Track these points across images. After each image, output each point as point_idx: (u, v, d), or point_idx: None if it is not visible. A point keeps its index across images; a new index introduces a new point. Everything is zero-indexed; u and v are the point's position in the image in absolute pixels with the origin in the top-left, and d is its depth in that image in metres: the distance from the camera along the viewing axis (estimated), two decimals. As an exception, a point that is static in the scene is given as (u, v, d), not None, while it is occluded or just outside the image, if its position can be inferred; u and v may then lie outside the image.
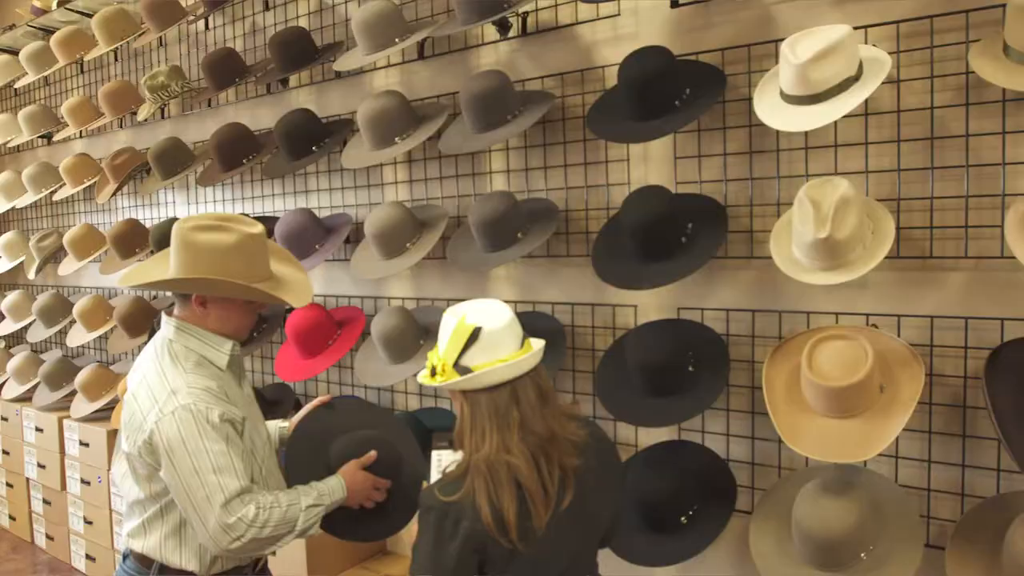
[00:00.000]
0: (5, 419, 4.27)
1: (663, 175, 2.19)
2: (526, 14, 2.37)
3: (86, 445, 3.67)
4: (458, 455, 1.41)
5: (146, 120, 3.69)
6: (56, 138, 4.23)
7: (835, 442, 1.71)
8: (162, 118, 3.70)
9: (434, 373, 1.39)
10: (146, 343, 3.39)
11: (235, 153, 2.93)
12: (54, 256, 4.30)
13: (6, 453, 4.30)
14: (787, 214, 1.88)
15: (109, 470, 3.52)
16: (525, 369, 1.38)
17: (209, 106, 3.47)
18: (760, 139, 2.02)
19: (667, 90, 1.95)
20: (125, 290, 4.07)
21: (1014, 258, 1.56)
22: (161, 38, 3.44)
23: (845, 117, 1.71)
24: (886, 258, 1.70)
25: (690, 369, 1.99)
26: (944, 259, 1.79)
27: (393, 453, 1.83)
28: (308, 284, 1.83)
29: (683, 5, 2.08)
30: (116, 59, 4.02)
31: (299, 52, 2.76)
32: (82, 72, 4.28)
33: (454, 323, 1.37)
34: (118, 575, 1.72)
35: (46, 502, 4.03)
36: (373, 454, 1.76)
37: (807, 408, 1.78)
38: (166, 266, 1.68)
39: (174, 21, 3.27)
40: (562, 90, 2.35)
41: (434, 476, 1.84)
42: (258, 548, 1.58)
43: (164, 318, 1.69)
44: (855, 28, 1.76)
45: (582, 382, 2.38)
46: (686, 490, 1.98)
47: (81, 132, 3.95)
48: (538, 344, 1.42)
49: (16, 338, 4.87)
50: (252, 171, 3.17)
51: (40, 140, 4.37)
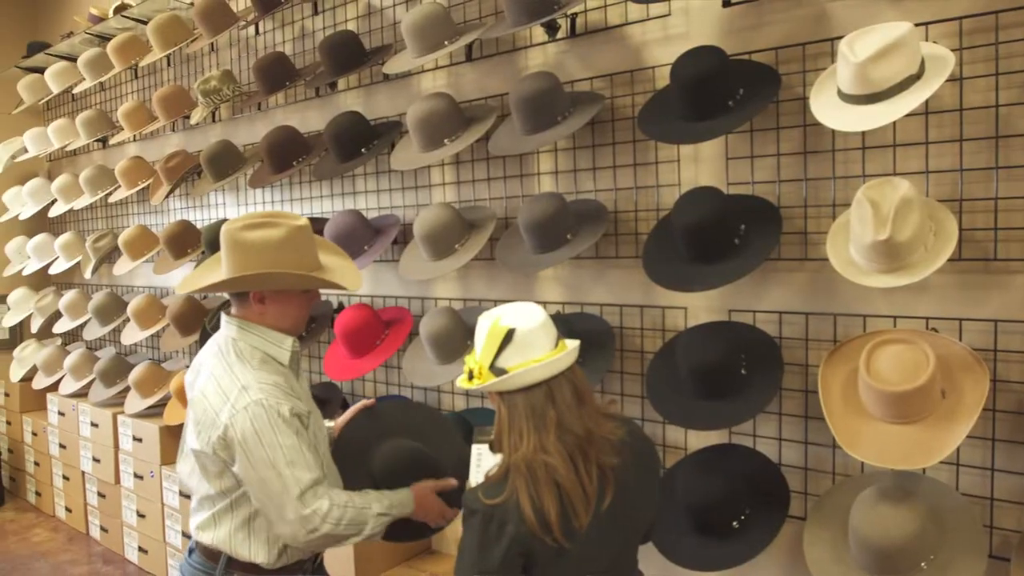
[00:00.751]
0: (62, 414, 4.41)
1: (714, 176, 2.17)
2: (575, 15, 2.36)
3: (139, 440, 3.77)
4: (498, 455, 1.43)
5: (197, 124, 3.78)
6: (111, 142, 4.35)
7: (895, 448, 1.68)
8: (213, 121, 3.78)
9: (471, 377, 1.41)
10: (198, 342, 3.51)
11: (286, 155, 2.98)
12: (109, 256, 4.42)
13: (63, 447, 4.43)
14: (844, 215, 1.85)
15: (161, 465, 3.62)
16: (560, 369, 1.38)
17: (259, 109, 3.53)
18: (815, 139, 1.99)
19: (721, 90, 1.93)
20: (176, 290, 4.17)
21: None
22: (213, 43, 3.52)
23: (904, 116, 1.67)
24: (947, 260, 1.67)
25: (742, 372, 1.96)
26: (1009, 261, 1.74)
27: (433, 463, 1.86)
28: (357, 270, 1.88)
29: (735, 4, 2.06)
30: (169, 64, 4.12)
31: (349, 55, 2.79)
32: (136, 77, 4.40)
33: (488, 326, 1.39)
34: (183, 570, 1.76)
35: (101, 495, 4.15)
36: (453, 482, 1.80)
37: (865, 413, 1.75)
38: (219, 269, 1.71)
39: (226, 27, 3.34)
40: (611, 91, 2.34)
41: (473, 471, 1.86)
42: (328, 543, 1.62)
43: (224, 318, 1.72)
44: (915, 25, 1.73)
45: (631, 384, 2.37)
46: (738, 494, 1.95)
47: (135, 136, 4.05)
48: (572, 344, 1.43)
49: (72, 336, 5.03)
50: (301, 173, 3.22)
51: (95, 144, 4.51)
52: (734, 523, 1.94)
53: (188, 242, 3.62)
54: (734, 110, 1.93)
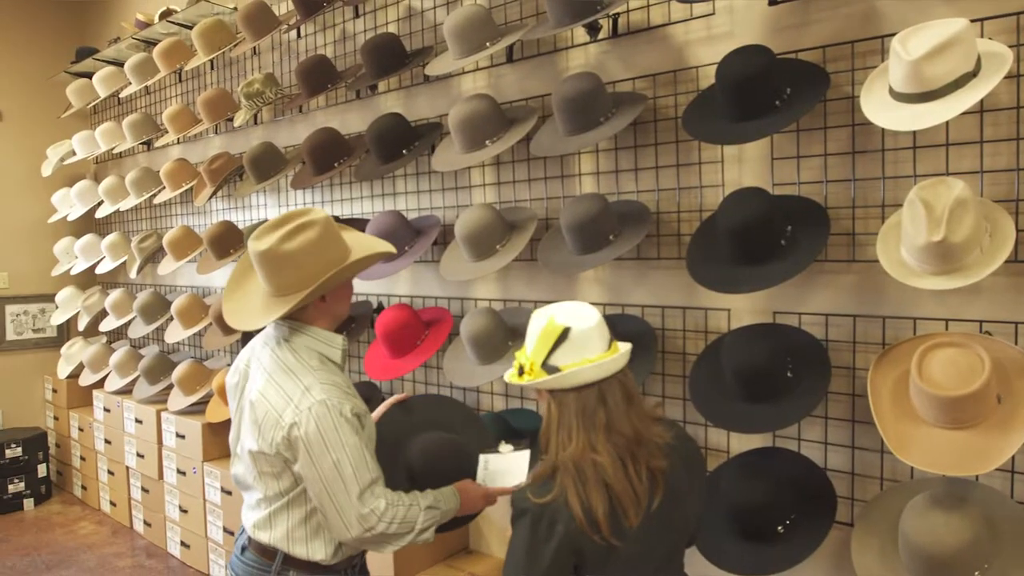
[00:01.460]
0: (107, 410, 4.51)
1: (759, 176, 2.14)
2: (617, 15, 2.35)
3: (182, 437, 3.83)
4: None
5: (240, 126, 3.84)
6: (156, 144, 4.44)
7: (947, 454, 1.64)
8: (255, 124, 3.84)
9: (522, 372, 1.41)
10: (240, 341, 3.56)
11: (327, 157, 3.01)
12: (153, 256, 4.52)
13: (108, 442, 4.53)
14: (895, 216, 1.81)
15: (204, 462, 3.68)
16: (613, 371, 1.38)
17: (300, 111, 3.58)
18: (863, 138, 1.96)
19: (768, 90, 1.90)
20: (218, 289, 4.25)
21: None
22: (255, 47, 3.57)
23: (958, 114, 1.64)
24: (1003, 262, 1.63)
25: (788, 375, 1.94)
26: (1069, 263, 1.70)
27: (468, 454, 1.87)
28: (370, 236, 1.91)
29: (781, 2, 2.03)
30: (212, 68, 4.20)
31: (390, 58, 2.81)
32: (180, 81, 4.48)
33: (543, 323, 1.38)
34: (234, 566, 1.78)
35: (144, 490, 4.24)
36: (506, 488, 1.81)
37: (916, 418, 1.71)
38: (253, 288, 1.72)
39: (269, 30, 3.39)
40: (654, 91, 2.33)
41: (480, 477, 1.87)
42: (382, 543, 1.63)
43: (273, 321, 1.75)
44: (971, 21, 1.69)
45: (672, 386, 2.35)
46: (783, 499, 1.93)
47: (179, 138, 4.13)
48: (625, 347, 1.43)
49: (117, 334, 5.15)
50: (342, 174, 3.25)
51: (140, 146, 4.61)
52: (779, 528, 1.92)
53: (230, 242, 3.67)
54: (781, 110, 1.90)
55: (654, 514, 1.37)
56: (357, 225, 2.74)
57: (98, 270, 4.86)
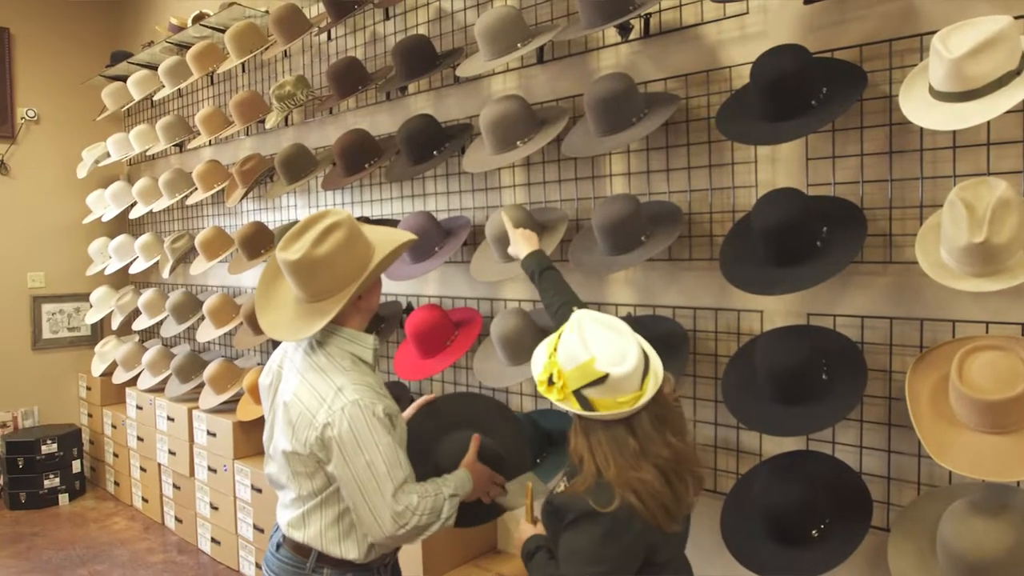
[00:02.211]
0: (140, 408, 4.58)
1: (793, 177, 2.12)
2: (649, 15, 2.35)
3: (213, 435, 3.89)
4: None
5: (271, 128, 3.88)
6: (188, 146, 4.51)
7: (988, 459, 1.61)
8: (285, 125, 3.88)
9: (551, 383, 1.44)
10: (271, 341, 3.59)
11: (358, 158, 3.03)
12: (185, 256, 4.58)
13: (140, 440, 4.61)
14: (934, 217, 1.79)
15: (234, 460, 3.72)
16: (641, 407, 1.42)
17: (330, 113, 3.61)
18: (901, 138, 1.93)
19: (803, 89, 1.89)
20: (249, 289, 4.30)
21: None
22: (286, 49, 3.61)
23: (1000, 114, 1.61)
24: (1048, 264, 1.59)
25: (823, 377, 1.92)
26: (1114, 265, 1.66)
27: (494, 448, 1.89)
28: (393, 229, 1.93)
29: (816, 1, 2.01)
30: (243, 70, 4.25)
31: (421, 60, 2.83)
32: (212, 84, 4.55)
33: (583, 359, 1.40)
34: (269, 563, 1.80)
35: (176, 487, 4.30)
36: (476, 442, 1.84)
37: (956, 422, 1.69)
38: (284, 296, 1.74)
39: (300, 33, 3.42)
40: (686, 91, 2.32)
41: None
42: (415, 536, 1.65)
43: None
44: (1015, 18, 1.66)
45: (704, 387, 2.34)
46: (818, 502, 1.90)
47: (211, 140, 4.19)
48: (657, 378, 1.44)
49: (150, 333, 5.23)
50: (372, 175, 3.27)
51: (173, 148, 4.68)
52: (813, 532, 1.89)
53: (262, 243, 3.71)
54: (817, 110, 1.88)
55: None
56: (388, 226, 2.76)
57: (131, 270, 4.95)
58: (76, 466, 5.02)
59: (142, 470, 4.64)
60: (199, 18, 4.15)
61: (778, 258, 1.91)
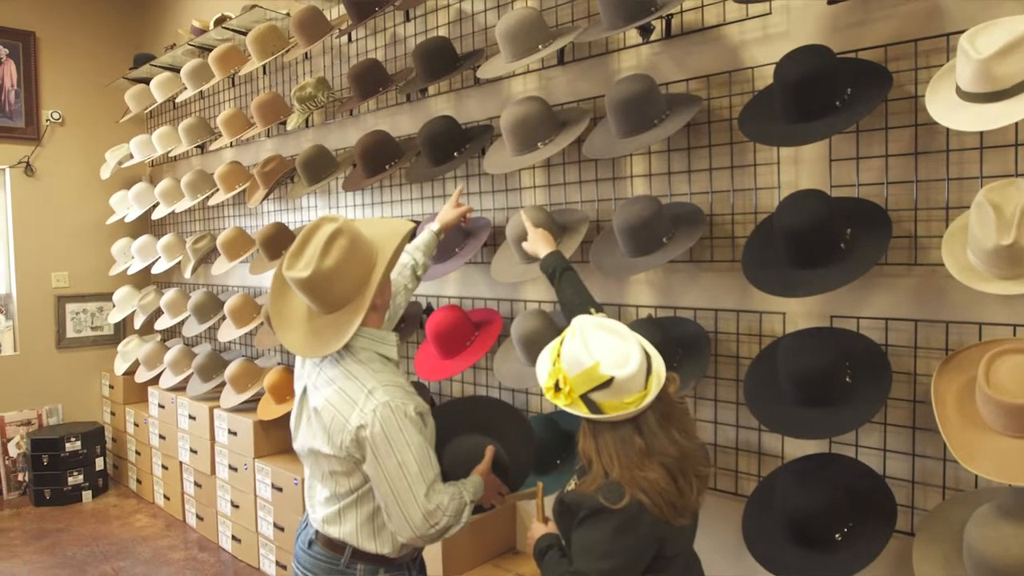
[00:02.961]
0: (162, 407, 4.63)
1: (816, 178, 2.11)
2: (670, 16, 2.34)
3: (234, 434, 3.92)
4: None
5: (292, 129, 3.91)
6: (210, 148, 4.56)
7: (1016, 463, 1.59)
8: (306, 126, 3.91)
9: (557, 388, 1.48)
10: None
11: (379, 159, 3.04)
12: (207, 257, 4.63)
13: (162, 438, 4.66)
14: (961, 218, 1.77)
15: (255, 458, 3.76)
16: (646, 407, 1.45)
17: (351, 115, 3.63)
18: (927, 139, 1.91)
19: (828, 90, 1.87)
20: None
21: None
22: (307, 51, 3.64)
23: (1029, 114, 1.59)
24: (1078, 266, 1.57)
25: (847, 380, 1.90)
26: None
27: (503, 459, 1.90)
28: (389, 220, 1.96)
29: (840, 1, 2.00)
30: (264, 72, 4.28)
31: (442, 61, 2.84)
32: (233, 85, 4.59)
33: (588, 363, 1.43)
34: (301, 560, 1.82)
35: (197, 485, 4.34)
36: (491, 452, 1.85)
37: (983, 426, 1.67)
38: (298, 311, 1.74)
39: (321, 35, 3.45)
40: (708, 92, 2.31)
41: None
42: (439, 537, 1.67)
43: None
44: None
45: (725, 389, 2.33)
46: (841, 505, 1.89)
47: (232, 141, 4.23)
48: (661, 377, 1.48)
49: (171, 332, 5.29)
50: (392, 176, 3.29)
51: (194, 149, 4.73)
52: (837, 535, 1.88)
53: (282, 243, 3.73)
54: (842, 111, 1.87)
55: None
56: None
57: (154, 270, 5.01)
58: (99, 463, 5.09)
59: (164, 468, 4.70)
60: (221, 21, 4.19)
61: (801, 260, 1.90)
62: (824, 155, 2.09)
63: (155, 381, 4.83)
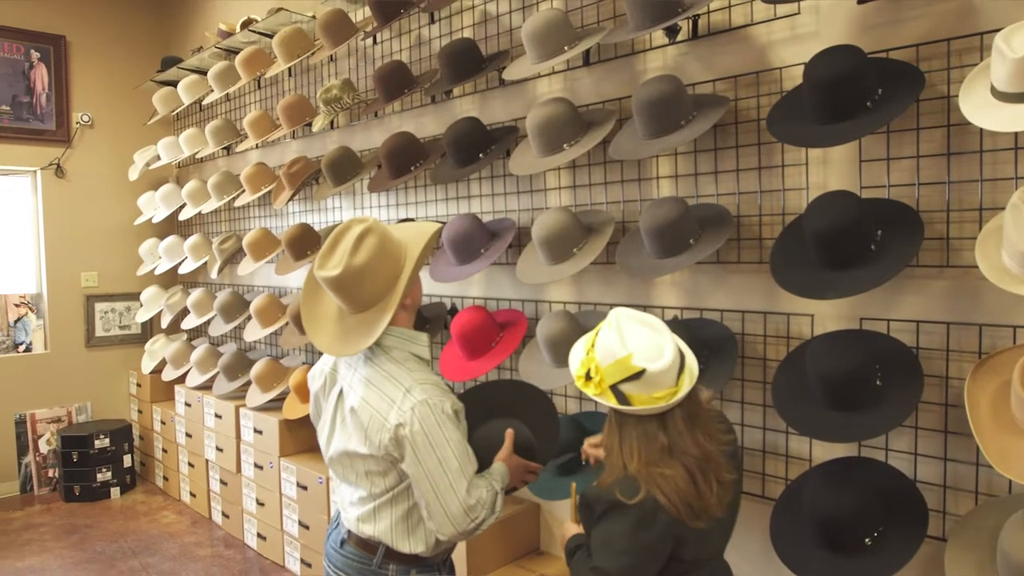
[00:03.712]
0: (188, 405, 4.69)
1: (846, 179, 2.09)
2: (697, 17, 2.33)
3: (259, 433, 3.96)
4: None
5: (317, 130, 3.94)
6: (236, 149, 4.60)
7: (1052, 469, 1.57)
8: (331, 128, 3.94)
9: (588, 377, 1.48)
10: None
11: (404, 160, 3.06)
12: (233, 257, 4.67)
13: (189, 436, 4.72)
14: (995, 219, 1.74)
15: (280, 457, 3.79)
16: (676, 403, 1.45)
17: (375, 116, 3.66)
18: (959, 139, 1.89)
19: (858, 90, 1.85)
20: (295, 289, 4.37)
21: None
22: (332, 54, 3.66)
23: (1067, 114, 1.57)
24: (1117, 269, 1.55)
25: (877, 383, 1.89)
26: None
27: (526, 438, 1.91)
28: (417, 222, 1.95)
29: (870, 0, 1.98)
30: (290, 75, 4.32)
31: (468, 63, 2.84)
32: (259, 88, 4.63)
33: (621, 354, 1.43)
34: (333, 559, 1.83)
35: (223, 482, 4.39)
36: (510, 437, 1.86)
37: (1018, 430, 1.64)
38: (329, 310, 1.76)
39: (347, 38, 3.47)
40: (735, 93, 2.30)
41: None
42: (477, 530, 1.69)
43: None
44: (1081, 17, 1.62)
45: (752, 392, 2.31)
46: (871, 510, 1.87)
47: (258, 143, 4.27)
48: (693, 375, 1.47)
49: (197, 332, 5.35)
50: (416, 177, 3.31)
51: (220, 151, 4.78)
52: (866, 540, 1.86)
53: (308, 244, 3.77)
54: (873, 111, 1.85)
55: (719, 519, 1.49)
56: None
57: (180, 270, 5.07)
58: (127, 460, 5.16)
59: (190, 465, 4.75)
60: (247, 24, 4.23)
61: (832, 261, 1.89)
62: (854, 156, 2.07)
63: (181, 380, 4.89)
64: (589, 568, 1.49)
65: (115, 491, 5.07)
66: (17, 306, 5.40)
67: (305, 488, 3.61)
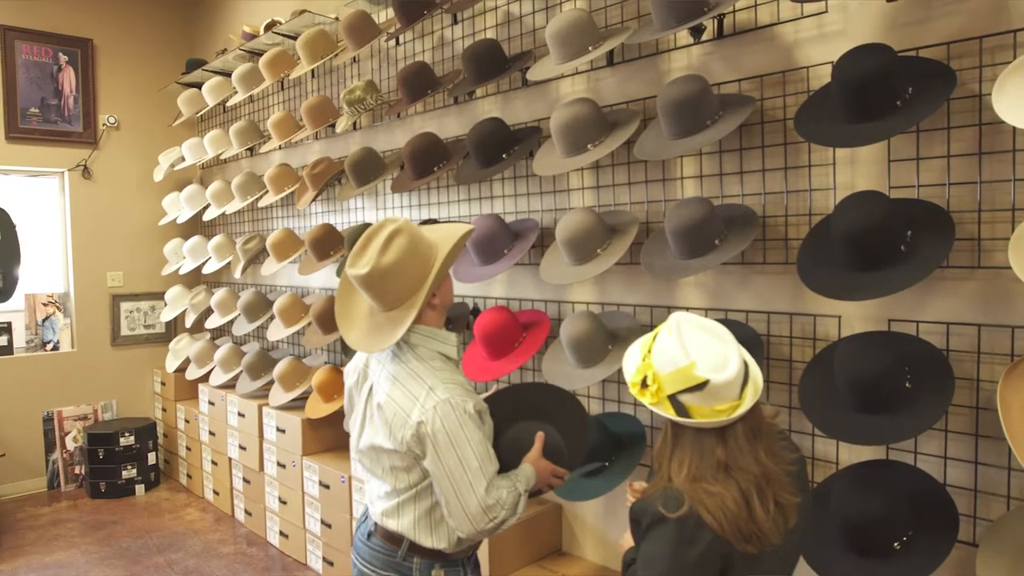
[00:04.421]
0: (212, 404, 4.74)
1: (874, 179, 2.07)
2: (722, 16, 2.32)
3: (282, 431, 3.99)
4: None
5: (340, 131, 3.97)
6: (259, 150, 4.65)
7: (1088, 473, 1.54)
8: (353, 129, 3.96)
9: (644, 385, 1.39)
10: (341, 341, 3.64)
11: (427, 161, 3.07)
12: (256, 257, 4.72)
13: (212, 434, 4.76)
14: (1029, 220, 1.72)
15: (303, 456, 3.82)
16: (737, 418, 1.36)
17: (398, 117, 3.67)
18: (992, 139, 1.86)
19: (889, 90, 1.83)
20: (318, 290, 4.40)
21: None
22: (356, 55, 3.68)
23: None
24: None
25: (907, 385, 1.86)
26: None
27: (557, 443, 1.90)
28: (448, 224, 1.95)
29: (899, -2, 1.96)
30: (313, 76, 4.35)
31: (491, 64, 2.85)
32: (282, 89, 4.67)
33: (682, 363, 1.34)
34: (360, 551, 1.86)
35: (246, 481, 4.43)
36: (540, 439, 1.84)
37: (1052, 434, 1.62)
38: (361, 309, 1.79)
39: (370, 39, 3.49)
40: (761, 92, 2.28)
41: None
42: (496, 530, 1.69)
43: None
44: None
45: (778, 394, 2.30)
46: (900, 513, 1.85)
47: (282, 144, 4.30)
48: (757, 388, 1.39)
49: (221, 331, 5.40)
50: (439, 178, 3.31)
51: (244, 152, 4.82)
52: (896, 544, 1.84)
53: (330, 244, 3.79)
54: (903, 110, 1.83)
55: (779, 545, 1.38)
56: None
57: (204, 270, 5.11)
58: (151, 458, 5.22)
59: (213, 463, 4.80)
60: (271, 26, 4.27)
61: (860, 262, 1.87)
62: (883, 156, 2.05)
63: (205, 378, 4.94)
64: None
65: (140, 488, 5.13)
66: (45, 305, 5.49)
67: (327, 487, 3.64)
